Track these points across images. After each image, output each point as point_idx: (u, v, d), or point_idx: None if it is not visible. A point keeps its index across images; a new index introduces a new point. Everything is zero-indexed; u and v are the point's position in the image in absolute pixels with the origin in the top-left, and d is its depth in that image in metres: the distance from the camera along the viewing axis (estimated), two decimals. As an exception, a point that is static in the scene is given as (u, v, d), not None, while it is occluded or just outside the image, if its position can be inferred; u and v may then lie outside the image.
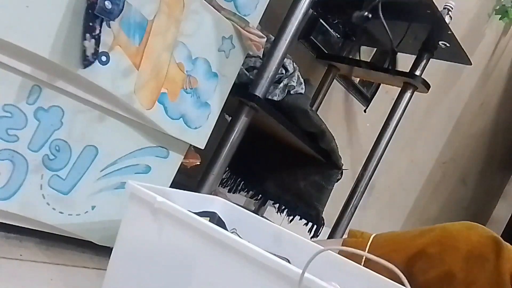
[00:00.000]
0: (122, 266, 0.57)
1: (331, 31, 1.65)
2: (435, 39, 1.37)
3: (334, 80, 1.72)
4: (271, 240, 0.77)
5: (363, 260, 0.77)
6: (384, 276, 0.64)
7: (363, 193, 1.46)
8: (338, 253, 0.73)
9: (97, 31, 0.60)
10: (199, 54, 0.75)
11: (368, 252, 0.78)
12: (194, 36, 0.74)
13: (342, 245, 0.83)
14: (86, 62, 0.60)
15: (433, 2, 1.21)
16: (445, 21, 1.27)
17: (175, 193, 0.70)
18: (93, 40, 0.60)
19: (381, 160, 1.47)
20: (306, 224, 1.36)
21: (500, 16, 2.55)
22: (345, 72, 1.72)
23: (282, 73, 1.09)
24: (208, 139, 0.83)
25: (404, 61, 1.53)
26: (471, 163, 3.13)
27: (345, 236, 0.92)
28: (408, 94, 1.45)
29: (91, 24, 0.59)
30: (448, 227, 0.75)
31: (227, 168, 1.44)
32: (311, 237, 1.34)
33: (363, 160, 1.48)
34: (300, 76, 1.14)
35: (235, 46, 0.80)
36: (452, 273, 0.69)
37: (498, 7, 2.54)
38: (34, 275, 0.63)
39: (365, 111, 1.78)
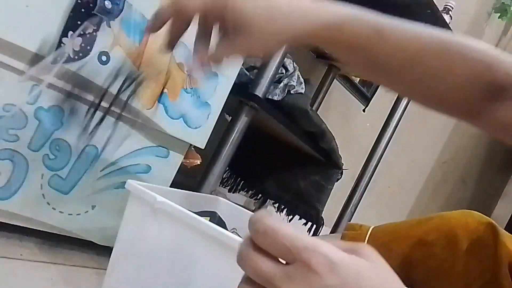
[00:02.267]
0: (122, 266, 0.57)
1: (331, 31, 1.64)
2: (435, 39, 1.37)
3: (334, 80, 1.72)
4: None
5: None
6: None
7: (363, 193, 1.46)
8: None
9: (89, 30, 0.60)
10: (199, 54, 0.75)
11: (367, 243, 0.78)
12: (194, 35, 0.73)
13: (341, 239, 0.82)
14: (60, 58, 0.59)
15: (433, 2, 1.21)
16: (445, 21, 1.27)
17: (175, 193, 0.70)
18: (78, 38, 0.59)
19: (381, 160, 1.47)
20: (306, 223, 1.36)
21: (499, 14, 2.55)
22: (345, 71, 1.71)
23: (282, 73, 1.09)
24: (208, 139, 0.83)
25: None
26: (471, 163, 3.13)
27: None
28: (408, 94, 1.45)
29: (79, 22, 0.59)
30: (446, 215, 0.75)
31: (228, 168, 1.44)
32: (311, 237, 1.33)
33: (363, 160, 1.48)
34: (300, 76, 1.14)
35: (235, 46, 0.80)
36: (452, 260, 0.69)
37: (497, 5, 2.54)
38: (34, 275, 0.63)
39: (364, 110, 1.78)
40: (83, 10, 0.59)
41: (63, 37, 0.58)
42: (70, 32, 0.59)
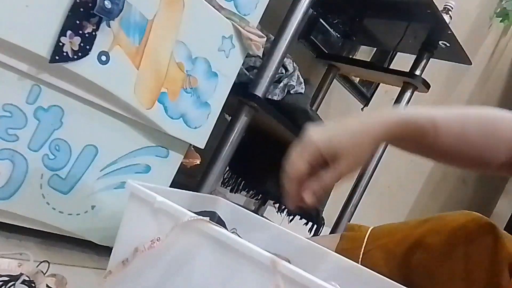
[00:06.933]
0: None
1: (331, 30, 1.65)
2: (435, 39, 1.37)
3: (334, 79, 1.72)
4: (271, 240, 0.77)
5: (360, 257, 0.77)
6: (382, 274, 0.64)
7: (363, 192, 1.46)
8: (335, 251, 0.73)
9: (88, 30, 0.60)
10: (199, 54, 0.75)
11: (366, 244, 0.78)
12: (194, 35, 0.74)
13: (340, 239, 0.82)
14: (59, 58, 0.59)
15: (433, 2, 1.21)
16: (445, 20, 1.27)
17: (175, 193, 0.70)
18: (77, 38, 0.59)
19: (381, 160, 1.47)
20: (306, 223, 1.36)
21: (501, 18, 2.56)
22: (345, 71, 1.72)
23: (282, 73, 1.09)
24: (208, 139, 0.83)
25: (404, 61, 1.53)
26: (471, 163, 3.12)
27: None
28: (408, 94, 1.45)
29: (78, 22, 0.59)
30: (444, 216, 0.74)
31: (228, 168, 1.44)
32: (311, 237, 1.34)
33: (363, 160, 1.48)
34: (300, 76, 1.14)
35: (235, 46, 0.80)
36: (451, 262, 0.69)
37: (499, 10, 2.55)
38: (34, 275, 0.62)
39: (362, 109, 1.78)
40: (81, 9, 0.59)
41: (62, 36, 0.58)
42: (69, 32, 0.59)
